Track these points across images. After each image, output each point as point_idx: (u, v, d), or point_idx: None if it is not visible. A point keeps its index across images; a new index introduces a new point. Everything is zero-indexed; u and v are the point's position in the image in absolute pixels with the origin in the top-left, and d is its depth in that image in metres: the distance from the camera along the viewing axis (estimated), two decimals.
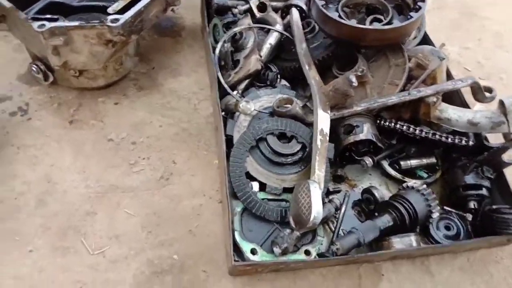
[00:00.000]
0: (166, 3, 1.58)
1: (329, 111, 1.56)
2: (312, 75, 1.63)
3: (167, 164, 1.61)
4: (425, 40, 1.96)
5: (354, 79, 1.51)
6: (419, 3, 1.61)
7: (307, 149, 1.51)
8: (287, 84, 1.79)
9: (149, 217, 1.46)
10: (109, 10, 1.48)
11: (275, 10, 1.94)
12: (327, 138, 1.50)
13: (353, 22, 1.57)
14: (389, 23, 1.67)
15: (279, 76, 1.77)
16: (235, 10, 1.88)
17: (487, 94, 1.68)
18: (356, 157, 1.64)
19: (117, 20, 1.42)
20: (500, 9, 2.52)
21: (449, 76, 1.83)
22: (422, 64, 1.68)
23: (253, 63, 1.64)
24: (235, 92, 1.67)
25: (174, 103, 1.78)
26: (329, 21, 1.60)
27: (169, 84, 1.85)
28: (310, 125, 1.56)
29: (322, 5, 1.62)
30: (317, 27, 1.81)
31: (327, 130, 1.51)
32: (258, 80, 1.75)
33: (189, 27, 2.10)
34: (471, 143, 1.56)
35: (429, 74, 1.66)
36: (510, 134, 1.51)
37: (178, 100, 1.79)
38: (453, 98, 1.77)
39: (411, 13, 1.60)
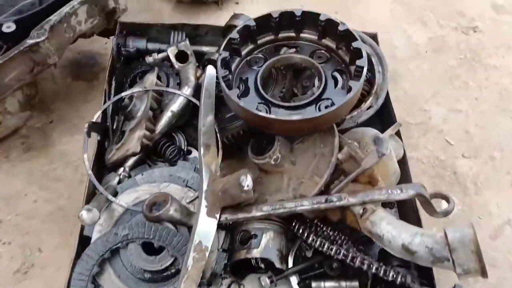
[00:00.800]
0: (34, 64, 1.28)
1: (217, 215, 1.21)
2: (207, 161, 1.28)
3: (30, 252, 1.36)
4: (387, 109, 1.53)
5: (246, 183, 1.15)
6: (351, 82, 1.19)
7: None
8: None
9: None
10: None
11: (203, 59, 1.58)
12: (206, 255, 1.15)
13: (252, 107, 1.19)
14: (320, 95, 1.27)
15: (183, 151, 1.44)
16: (149, 59, 1.54)
17: (442, 207, 1.24)
18: (261, 267, 1.30)
19: None
20: None
21: (403, 165, 1.40)
22: (356, 158, 1.28)
23: (134, 143, 1.31)
24: (121, 169, 1.37)
25: (59, 171, 1.51)
26: (229, 100, 1.23)
27: (62, 145, 1.57)
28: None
29: (224, 76, 1.25)
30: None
31: (208, 242, 1.17)
32: (156, 153, 1.44)
33: None
34: (400, 280, 1.16)
35: (362, 173, 1.26)
36: (458, 276, 1.10)
37: (64, 168, 1.51)
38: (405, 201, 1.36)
39: (334, 98, 1.19)
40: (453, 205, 1.25)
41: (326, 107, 1.23)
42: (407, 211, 1.41)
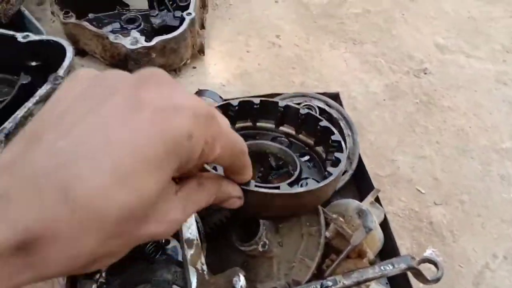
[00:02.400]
0: None
1: None
2: (192, 261, 1.22)
3: None
4: (361, 172, 1.55)
5: (240, 285, 1.10)
6: (330, 169, 1.16)
7: None
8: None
9: None
10: None
11: None
12: None
13: (246, 184, 1.15)
14: (298, 181, 1.24)
15: (162, 245, 1.36)
16: None
17: (432, 274, 1.26)
18: None
19: None
20: (465, 94, 2.10)
21: (386, 228, 1.42)
22: (344, 234, 1.27)
23: None
24: (97, 275, 1.27)
25: None
26: None
27: None
28: None
29: None
30: None
31: None
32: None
33: None
34: None
35: (352, 249, 1.26)
36: None
37: None
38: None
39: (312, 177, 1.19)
40: (442, 271, 1.27)
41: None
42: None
